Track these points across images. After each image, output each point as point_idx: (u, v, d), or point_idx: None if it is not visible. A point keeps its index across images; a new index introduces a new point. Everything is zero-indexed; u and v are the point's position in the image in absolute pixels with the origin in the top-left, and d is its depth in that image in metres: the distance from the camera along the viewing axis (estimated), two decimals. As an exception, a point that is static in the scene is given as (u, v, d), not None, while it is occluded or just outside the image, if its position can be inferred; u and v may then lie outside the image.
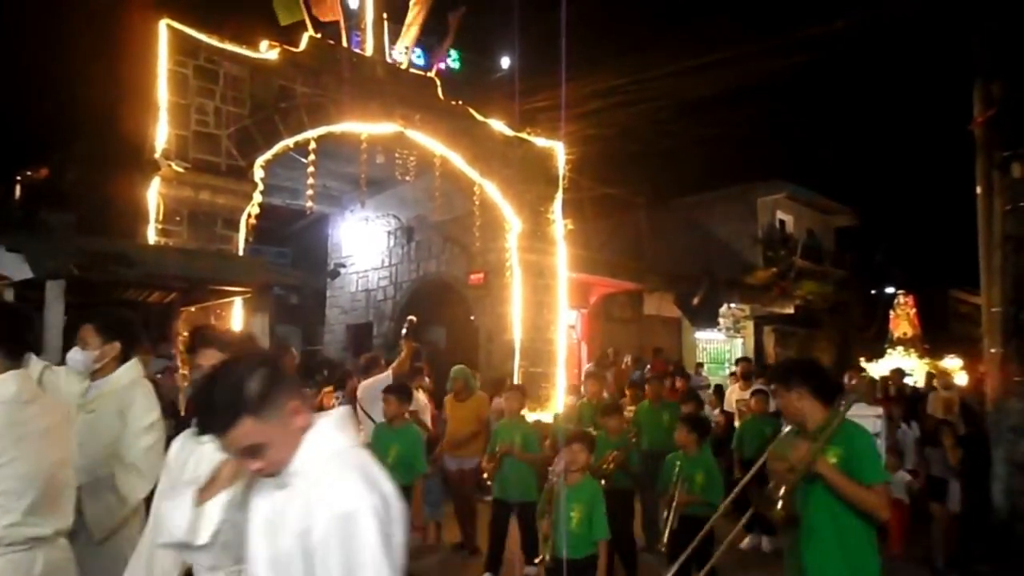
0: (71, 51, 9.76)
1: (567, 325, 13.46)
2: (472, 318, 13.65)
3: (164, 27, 8.59)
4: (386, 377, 7.73)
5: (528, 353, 12.33)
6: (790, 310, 19.41)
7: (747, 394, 9.17)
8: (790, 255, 21.21)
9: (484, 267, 13.08)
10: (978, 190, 7.50)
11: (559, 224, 13.14)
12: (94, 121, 9.52)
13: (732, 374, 12.39)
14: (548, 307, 12.83)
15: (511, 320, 12.40)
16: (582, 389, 9.57)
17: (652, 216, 17.99)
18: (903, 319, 18.23)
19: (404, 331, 8.76)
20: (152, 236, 8.25)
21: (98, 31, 9.73)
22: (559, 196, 13.21)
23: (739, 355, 18.90)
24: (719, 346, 18.69)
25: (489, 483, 6.89)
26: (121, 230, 8.55)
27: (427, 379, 9.40)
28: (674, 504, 5.34)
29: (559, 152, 13.29)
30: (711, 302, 16.54)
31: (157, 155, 8.32)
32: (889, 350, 17.28)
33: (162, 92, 8.49)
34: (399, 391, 6.43)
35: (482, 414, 8.09)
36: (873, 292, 24.84)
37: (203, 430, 1.90)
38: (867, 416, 5.40)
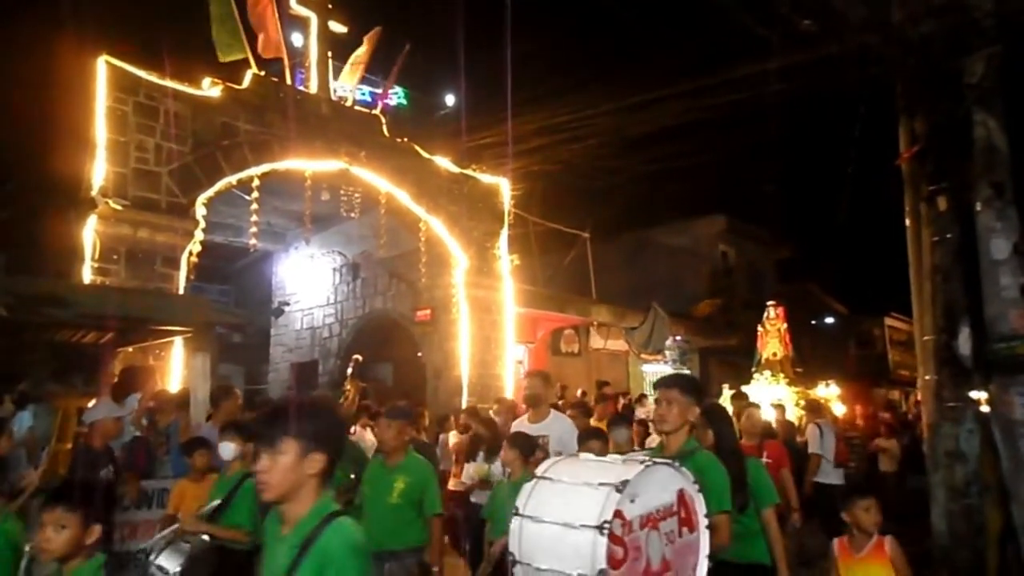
0: (3, 88, 9.53)
1: (514, 360, 13.45)
2: (419, 354, 13.55)
3: (103, 64, 8.48)
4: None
5: (476, 389, 12.27)
6: (734, 342, 19.71)
7: None
8: (733, 287, 21.59)
9: (430, 303, 13.04)
10: (907, 222, 7.76)
11: (505, 259, 13.20)
12: (27, 159, 9.28)
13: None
14: (495, 342, 12.82)
15: (458, 356, 12.36)
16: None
17: (597, 250, 18.16)
18: (773, 336, 14.24)
19: (350, 370, 8.66)
20: (88, 275, 8.04)
21: (33, 67, 9.53)
22: (505, 232, 13.30)
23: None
24: (666, 378, 18.84)
25: None
26: (55, 270, 8.33)
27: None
28: None
29: (504, 188, 13.41)
30: (657, 335, 16.71)
31: (94, 193, 8.15)
32: (756, 374, 13.76)
33: (100, 129, 8.36)
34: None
35: None
36: (813, 323, 25.41)
37: None
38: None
